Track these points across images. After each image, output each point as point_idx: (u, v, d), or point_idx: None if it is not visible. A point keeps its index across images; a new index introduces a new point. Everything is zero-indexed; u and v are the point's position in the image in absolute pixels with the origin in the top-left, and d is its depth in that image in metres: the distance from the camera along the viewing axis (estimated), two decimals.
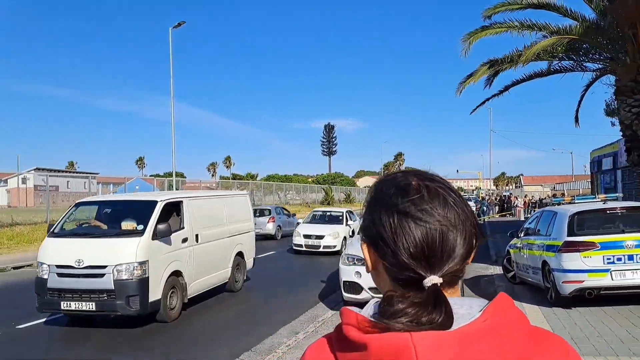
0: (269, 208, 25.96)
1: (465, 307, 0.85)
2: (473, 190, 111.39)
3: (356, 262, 9.02)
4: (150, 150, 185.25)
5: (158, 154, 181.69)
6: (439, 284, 0.83)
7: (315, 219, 19.76)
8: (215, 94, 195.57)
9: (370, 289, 8.63)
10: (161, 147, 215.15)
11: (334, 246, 17.50)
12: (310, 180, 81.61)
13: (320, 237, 17.76)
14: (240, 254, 11.36)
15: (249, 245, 12.07)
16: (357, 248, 9.28)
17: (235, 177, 74.15)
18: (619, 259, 7.77)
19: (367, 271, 0.96)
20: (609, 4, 12.14)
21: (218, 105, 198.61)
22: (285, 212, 26.58)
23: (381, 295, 0.90)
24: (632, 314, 7.59)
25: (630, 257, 7.75)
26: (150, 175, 58.03)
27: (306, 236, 18.00)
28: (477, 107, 17.64)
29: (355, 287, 8.93)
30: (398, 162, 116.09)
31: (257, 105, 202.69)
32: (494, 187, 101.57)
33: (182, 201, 9.36)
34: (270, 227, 23.47)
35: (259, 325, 8.55)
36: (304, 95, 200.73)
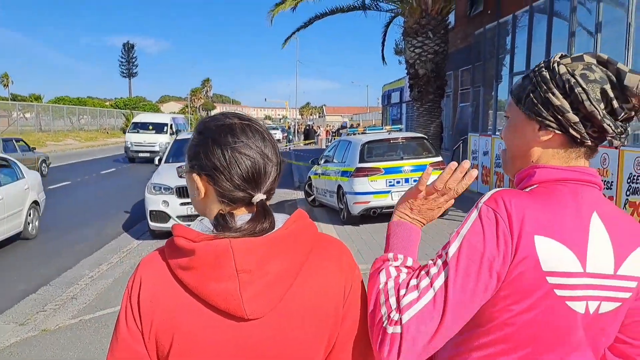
0: None
1: (279, 220, 1.10)
2: (280, 119, 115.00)
3: (163, 191, 8.91)
4: None
5: None
6: (264, 199, 1.10)
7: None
8: None
9: (178, 217, 8.66)
10: None
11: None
12: (108, 104, 75.08)
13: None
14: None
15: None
16: (164, 177, 9.15)
17: (15, 97, 64.23)
18: (398, 182, 9.05)
19: (197, 199, 1.15)
20: None
21: None
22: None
23: (188, 223, 1.15)
24: None
25: (407, 180, 9.07)
26: None
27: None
28: (286, 40, 18.09)
29: (162, 216, 8.87)
30: (206, 89, 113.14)
31: (34, 11, 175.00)
32: (300, 117, 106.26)
33: None
34: None
35: (57, 259, 8.06)
36: (93, 3, 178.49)
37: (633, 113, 1.10)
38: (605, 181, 7.49)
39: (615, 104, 1.09)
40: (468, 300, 1.05)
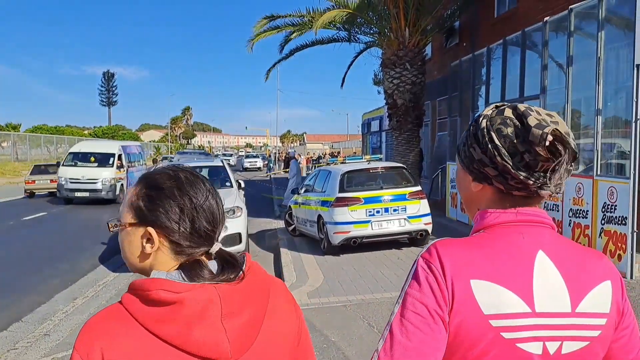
0: None
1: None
2: (261, 147, 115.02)
3: None
4: None
5: None
6: (220, 248, 1.13)
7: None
8: None
9: None
10: None
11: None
12: (87, 133, 74.40)
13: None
14: None
15: None
16: None
17: None
18: (378, 212, 9.09)
19: (144, 253, 1.12)
20: None
21: None
22: None
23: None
24: (386, 257, 9.01)
25: (386, 210, 9.12)
26: None
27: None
28: (268, 72, 18.29)
29: None
30: (186, 117, 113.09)
31: (14, 42, 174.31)
32: (281, 144, 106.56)
33: None
34: None
35: (29, 294, 7.84)
36: (74, 33, 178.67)
37: (552, 163, 1.10)
38: (580, 210, 7.62)
39: (526, 157, 1.10)
40: (417, 349, 1.04)
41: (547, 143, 1.08)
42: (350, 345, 5.06)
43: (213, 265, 1.11)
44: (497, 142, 1.12)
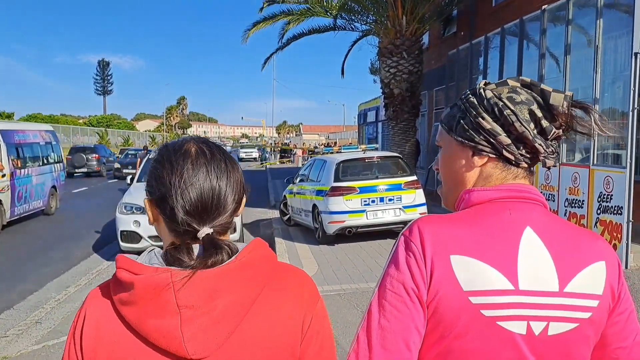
0: None
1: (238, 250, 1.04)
2: (257, 138, 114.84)
3: (135, 211, 8.73)
4: None
5: None
6: (211, 233, 1.00)
7: None
8: None
9: (150, 237, 8.48)
10: None
11: None
12: (82, 121, 73.94)
13: None
14: None
15: None
16: (135, 197, 8.98)
17: None
18: (373, 201, 9.04)
19: (150, 223, 1.08)
20: None
21: None
22: None
23: (161, 243, 1.06)
24: (380, 247, 8.98)
25: (382, 199, 9.07)
26: None
27: None
28: (265, 62, 18.24)
29: (133, 237, 8.68)
30: (181, 106, 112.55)
31: (8, 30, 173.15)
32: (277, 135, 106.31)
33: None
34: None
35: (21, 282, 7.77)
36: (69, 21, 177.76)
37: (561, 131, 1.11)
38: (576, 200, 7.60)
39: (544, 123, 1.10)
40: (394, 328, 1.03)
41: (567, 108, 1.09)
42: (343, 333, 5.04)
43: (199, 250, 1.02)
44: (512, 108, 1.10)
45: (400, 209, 9.12)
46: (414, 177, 9.59)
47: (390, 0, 13.31)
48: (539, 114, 1.10)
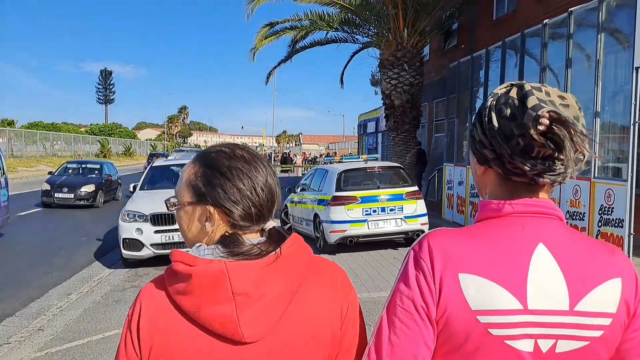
0: None
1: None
2: (257, 147, 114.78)
3: (137, 219, 8.75)
4: None
5: None
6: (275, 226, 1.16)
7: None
8: None
9: (152, 245, 8.50)
10: None
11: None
12: (83, 130, 74.11)
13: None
14: None
15: None
16: (138, 204, 8.99)
17: None
18: (374, 211, 9.08)
19: (202, 231, 1.14)
20: None
21: None
22: None
23: (162, 251, 1.12)
24: (382, 256, 9.00)
25: (383, 209, 9.11)
26: None
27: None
28: (269, 75, 18.39)
29: (136, 244, 8.68)
30: (182, 116, 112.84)
31: (11, 38, 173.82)
32: (277, 144, 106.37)
33: None
34: None
35: (23, 289, 7.78)
36: (72, 30, 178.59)
37: (549, 151, 1.02)
38: (577, 212, 7.64)
39: (521, 141, 1.02)
40: (404, 344, 1.04)
41: (542, 127, 0.99)
42: None
43: (256, 241, 1.12)
44: (495, 123, 1.06)
45: (401, 219, 9.16)
46: (416, 188, 9.64)
47: (392, 14, 13.44)
48: (517, 131, 1.03)
